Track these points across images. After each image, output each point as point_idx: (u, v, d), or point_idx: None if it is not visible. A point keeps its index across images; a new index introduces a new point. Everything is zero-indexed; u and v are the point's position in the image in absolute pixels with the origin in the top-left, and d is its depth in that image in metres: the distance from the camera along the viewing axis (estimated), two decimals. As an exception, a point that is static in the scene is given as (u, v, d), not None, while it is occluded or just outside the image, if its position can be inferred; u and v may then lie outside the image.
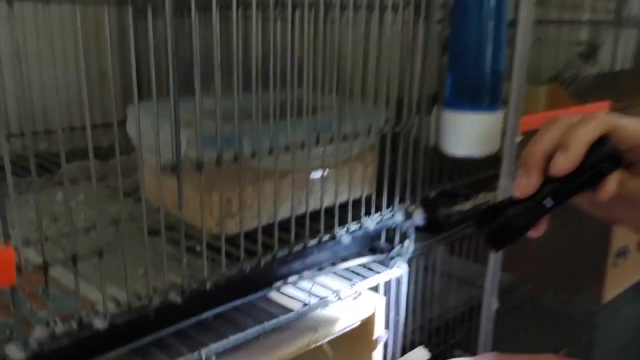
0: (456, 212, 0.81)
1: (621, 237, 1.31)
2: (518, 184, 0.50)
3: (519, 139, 0.78)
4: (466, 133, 0.71)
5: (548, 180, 0.49)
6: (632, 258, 1.36)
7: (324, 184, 0.66)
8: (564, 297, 1.39)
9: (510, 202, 0.50)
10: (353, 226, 0.68)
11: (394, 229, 0.77)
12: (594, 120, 0.50)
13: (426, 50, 0.70)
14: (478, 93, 0.70)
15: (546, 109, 0.99)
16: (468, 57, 0.70)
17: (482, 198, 0.86)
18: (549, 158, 0.49)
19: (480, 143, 0.71)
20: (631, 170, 0.51)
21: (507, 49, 0.72)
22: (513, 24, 0.72)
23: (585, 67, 1.27)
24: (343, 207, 0.69)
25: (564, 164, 0.48)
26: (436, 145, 0.76)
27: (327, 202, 0.67)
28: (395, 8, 0.66)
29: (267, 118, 0.57)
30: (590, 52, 1.28)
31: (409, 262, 0.79)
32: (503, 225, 0.50)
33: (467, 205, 0.83)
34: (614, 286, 1.33)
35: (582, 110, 1.07)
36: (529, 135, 0.81)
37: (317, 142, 0.60)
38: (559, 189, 0.49)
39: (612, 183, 0.49)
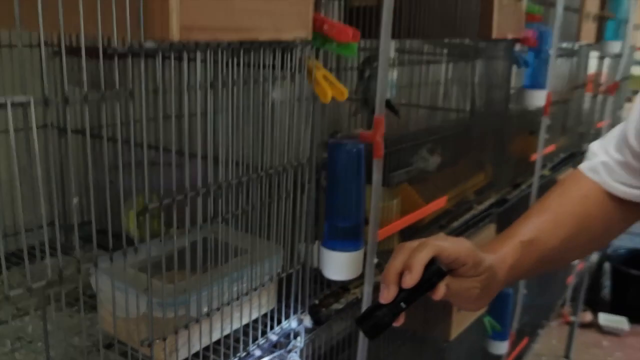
0: (334, 310, 1.12)
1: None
2: (382, 294, 0.79)
3: (375, 261, 1.10)
4: (337, 265, 1.02)
5: (401, 290, 0.79)
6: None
7: (239, 313, 0.94)
8: (424, 334, 1.75)
9: (378, 306, 0.79)
10: (262, 341, 0.97)
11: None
12: (426, 248, 0.80)
13: (309, 207, 1.00)
14: (345, 238, 1.00)
15: (400, 214, 1.32)
16: (337, 213, 1.00)
17: (352, 294, 1.17)
18: (400, 275, 0.79)
19: (347, 271, 1.02)
20: (453, 274, 0.82)
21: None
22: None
23: (430, 161, 1.63)
24: (255, 321, 0.98)
25: (409, 280, 0.78)
26: (317, 267, 1.07)
27: (243, 322, 0.95)
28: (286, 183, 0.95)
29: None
30: (434, 149, 1.64)
31: (301, 351, 1.08)
32: (374, 324, 0.80)
33: (342, 303, 1.14)
34: (458, 327, 1.71)
35: (426, 210, 1.42)
36: (384, 257, 1.14)
37: (237, 298, 0.88)
38: (409, 296, 0.79)
39: (441, 288, 0.80)
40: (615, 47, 2.41)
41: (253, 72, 0.81)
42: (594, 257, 3.96)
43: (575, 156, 2.50)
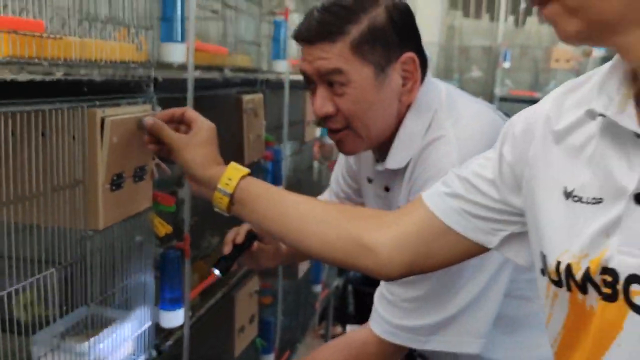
0: (168, 345, 1.91)
1: (240, 318, 2.56)
2: (225, 250, 1.66)
3: (189, 314, 1.93)
4: (168, 319, 1.82)
5: (234, 246, 1.66)
6: (247, 330, 2.62)
7: (119, 352, 1.70)
8: (218, 356, 2.58)
9: (223, 257, 1.65)
10: (133, 366, 1.73)
11: None
12: (245, 225, 1.68)
13: (151, 290, 1.79)
14: (172, 304, 1.82)
15: (199, 281, 2.15)
16: (166, 290, 1.81)
17: (178, 334, 1.98)
18: (234, 239, 1.66)
19: (174, 321, 1.83)
20: (260, 241, 1.72)
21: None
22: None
23: (212, 241, 2.49)
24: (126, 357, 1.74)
25: (238, 239, 1.67)
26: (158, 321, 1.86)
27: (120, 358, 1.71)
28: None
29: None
30: (213, 233, 2.50)
31: None
32: (223, 266, 1.64)
33: (171, 340, 1.94)
34: (240, 346, 2.57)
35: (212, 276, 2.27)
36: (195, 308, 1.96)
37: (116, 347, 1.65)
38: (239, 249, 1.66)
39: (255, 245, 1.70)
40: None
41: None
42: (339, 281, 5.13)
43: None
